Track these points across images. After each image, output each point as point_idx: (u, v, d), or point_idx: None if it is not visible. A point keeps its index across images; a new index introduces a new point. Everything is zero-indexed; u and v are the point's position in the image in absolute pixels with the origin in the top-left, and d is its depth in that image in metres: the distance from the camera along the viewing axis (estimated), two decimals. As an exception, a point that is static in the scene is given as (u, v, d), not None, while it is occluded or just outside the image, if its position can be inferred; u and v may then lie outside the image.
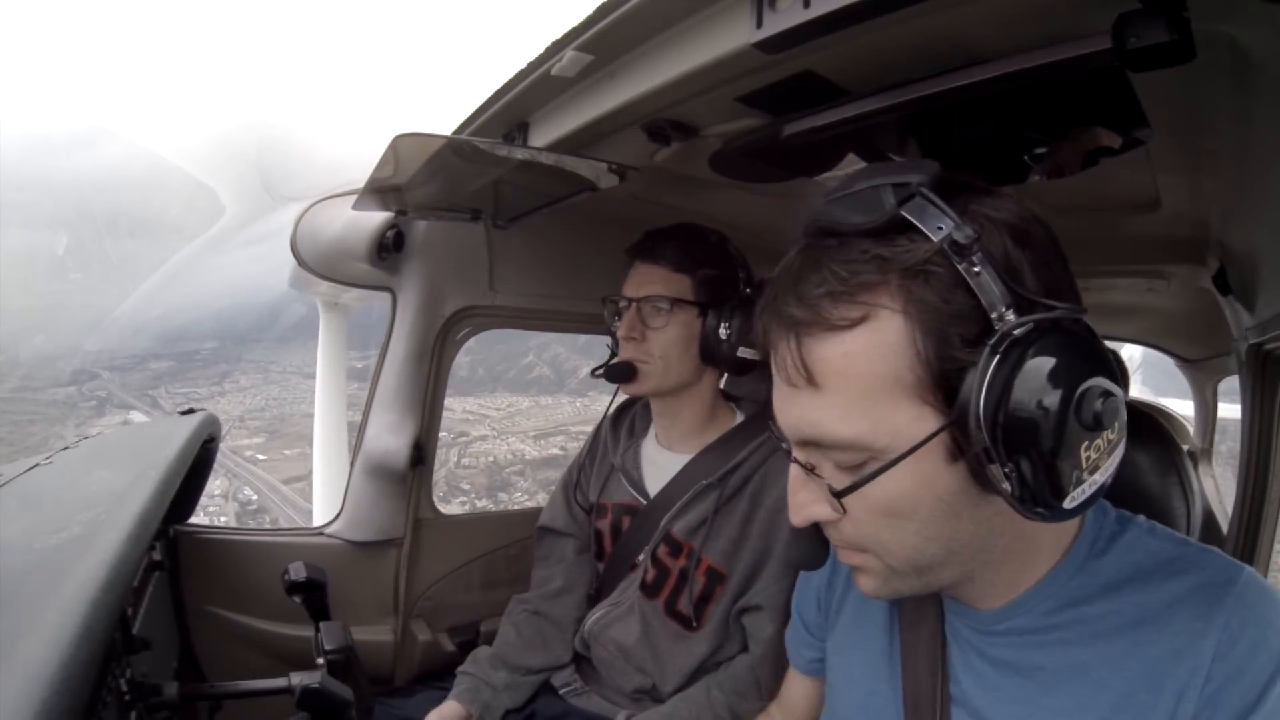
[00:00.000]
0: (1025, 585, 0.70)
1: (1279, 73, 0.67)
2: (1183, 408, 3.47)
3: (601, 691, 1.49)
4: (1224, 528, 1.68)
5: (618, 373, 1.44)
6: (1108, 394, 0.57)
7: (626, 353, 1.43)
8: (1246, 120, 0.82)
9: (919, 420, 0.60)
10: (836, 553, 0.70)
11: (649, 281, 1.42)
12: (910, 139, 1.22)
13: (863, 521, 0.65)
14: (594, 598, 1.57)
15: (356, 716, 0.97)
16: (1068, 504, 0.58)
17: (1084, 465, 0.57)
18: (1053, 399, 0.55)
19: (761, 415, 1.48)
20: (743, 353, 1.40)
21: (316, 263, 1.67)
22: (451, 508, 2.01)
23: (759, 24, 0.74)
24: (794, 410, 0.65)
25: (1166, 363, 3.43)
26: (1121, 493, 0.83)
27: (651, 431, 1.56)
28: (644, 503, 1.48)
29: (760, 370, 1.50)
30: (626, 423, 1.62)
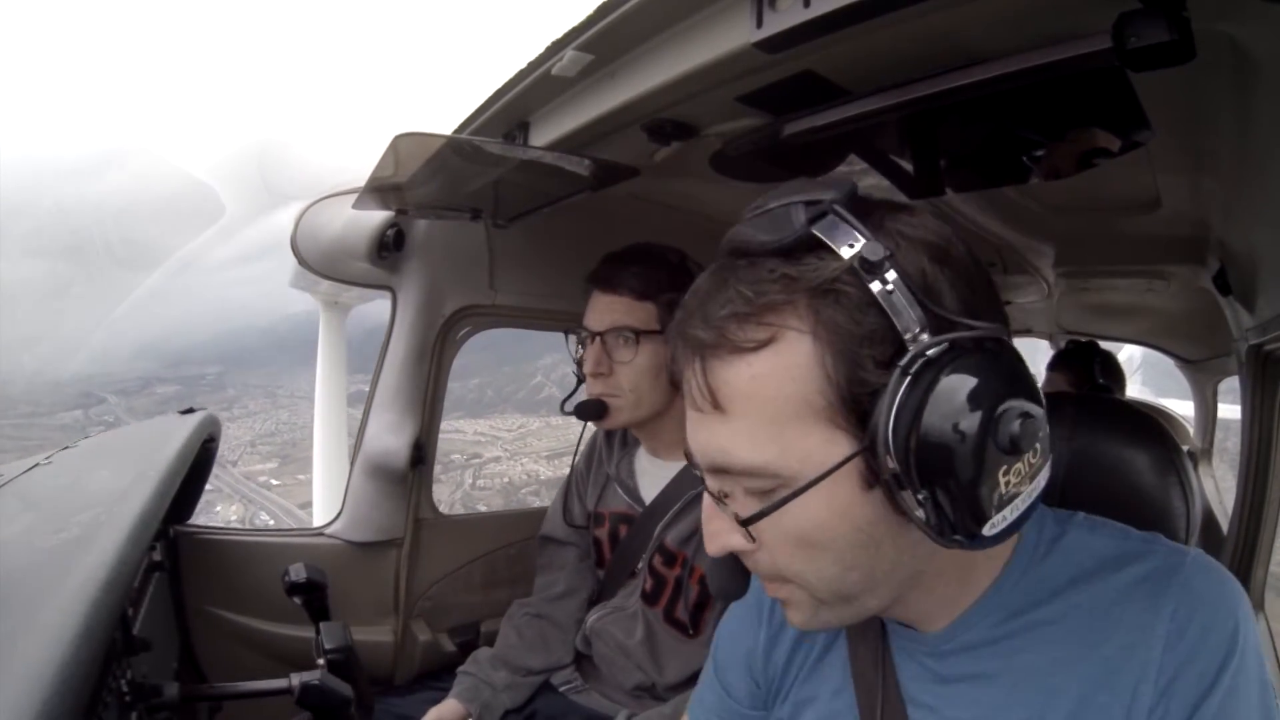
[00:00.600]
0: (966, 603, 0.68)
1: (1279, 72, 0.67)
2: (1182, 408, 3.48)
3: (601, 689, 1.49)
4: (1224, 528, 1.68)
5: (589, 411, 1.41)
6: (1026, 415, 0.54)
7: (595, 389, 1.40)
8: (1247, 120, 0.81)
9: (830, 445, 0.57)
10: (763, 586, 0.67)
11: (611, 312, 1.38)
12: (910, 139, 1.22)
13: (778, 552, 0.62)
14: (594, 602, 1.57)
15: (357, 715, 0.97)
16: (988, 531, 0.55)
17: (1004, 491, 0.55)
18: (967, 423, 0.53)
19: None
20: None
21: (317, 261, 1.67)
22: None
23: (759, 24, 0.74)
24: (701, 435, 0.63)
25: (1166, 363, 3.44)
26: (1121, 493, 0.83)
27: (641, 441, 1.56)
28: (639, 510, 1.47)
29: None
30: (619, 433, 1.61)
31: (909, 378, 0.53)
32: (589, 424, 1.49)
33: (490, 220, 1.63)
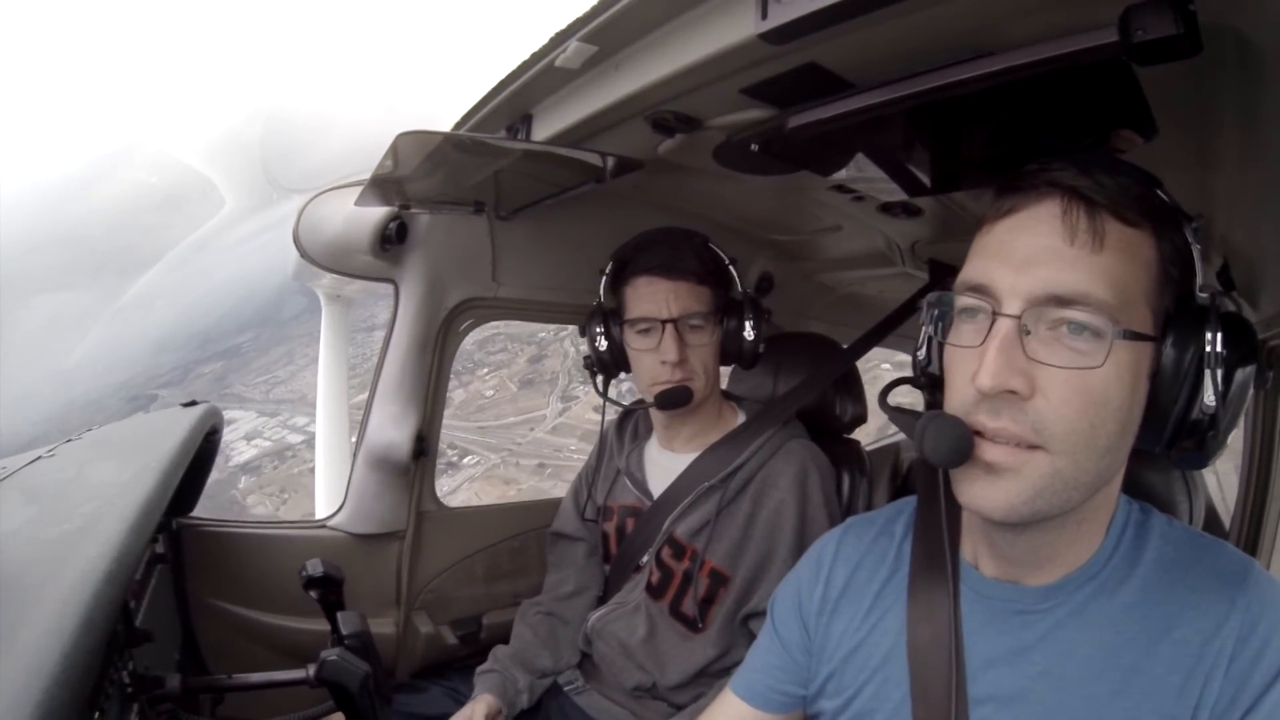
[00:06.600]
0: (1076, 564, 0.73)
1: None
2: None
3: (602, 689, 1.49)
4: (1225, 523, 1.68)
5: (677, 399, 1.38)
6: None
7: (674, 375, 1.37)
8: (1252, 116, 0.81)
9: (1147, 323, 0.66)
10: (984, 450, 0.66)
11: (679, 299, 1.36)
12: (914, 133, 1.21)
13: (1061, 405, 0.64)
14: (602, 599, 1.57)
15: (375, 698, 0.96)
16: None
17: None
18: (1245, 372, 0.65)
19: (763, 415, 1.48)
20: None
21: (319, 254, 1.67)
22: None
23: (763, 15, 0.73)
24: (1058, 265, 0.65)
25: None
26: (1125, 486, 0.83)
27: (654, 434, 1.56)
28: (648, 504, 1.47)
29: (762, 365, 1.49)
30: (630, 426, 1.61)
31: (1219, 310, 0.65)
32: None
33: (493, 213, 1.63)
